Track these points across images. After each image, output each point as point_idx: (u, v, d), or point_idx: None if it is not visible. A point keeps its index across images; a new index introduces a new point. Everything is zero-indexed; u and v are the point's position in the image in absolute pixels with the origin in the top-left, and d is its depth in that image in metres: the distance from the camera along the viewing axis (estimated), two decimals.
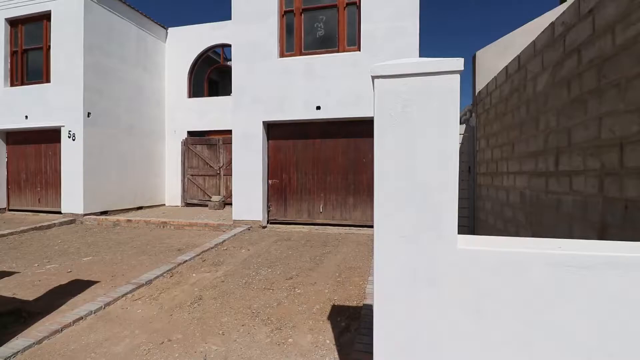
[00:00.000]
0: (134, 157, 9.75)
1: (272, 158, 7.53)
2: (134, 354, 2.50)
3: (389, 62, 1.41)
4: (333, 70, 6.89)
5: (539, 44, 3.45)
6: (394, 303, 1.47)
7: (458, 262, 1.39)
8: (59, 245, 5.85)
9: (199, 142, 10.53)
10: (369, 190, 6.99)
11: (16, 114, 8.87)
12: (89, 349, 2.57)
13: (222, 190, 10.20)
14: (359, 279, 4.01)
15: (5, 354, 2.43)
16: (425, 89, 1.38)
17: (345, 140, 7.16)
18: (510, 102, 4.27)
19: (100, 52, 8.71)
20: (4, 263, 4.75)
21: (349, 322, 2.94)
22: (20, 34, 9.08)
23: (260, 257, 4.98)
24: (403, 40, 6.54)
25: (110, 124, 9.00)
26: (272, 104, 7.19)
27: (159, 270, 4.29)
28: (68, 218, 8.15)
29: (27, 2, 8.75)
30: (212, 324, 2.94)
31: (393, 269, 1.45)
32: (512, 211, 4.16)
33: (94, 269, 4.51)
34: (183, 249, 5.51)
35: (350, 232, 6.82)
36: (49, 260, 4.90)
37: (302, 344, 2.60)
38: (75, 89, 8.30)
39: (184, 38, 10.92)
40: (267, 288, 3.77)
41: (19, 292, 3.66)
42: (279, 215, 7.50)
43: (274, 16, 7.16)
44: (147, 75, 10.32)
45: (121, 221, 7.96)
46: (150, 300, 3.45)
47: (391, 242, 1.44)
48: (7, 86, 9.07)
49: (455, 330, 1.43)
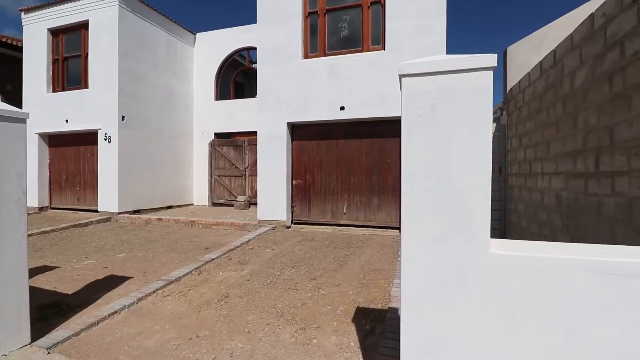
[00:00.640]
0: (164, 159, 10.14)
1: (296, 159, 7.58)
2: (164, 348, 2.58)
3: (416, 60, 1.37)
4: (357, 70, 6.85)
5: (576, 37, 3.26)
6: (421, 307, 1.43)
7: (490, 267, 1.34)
8: (96, 242, 6.17)
9: (225, 143, 10.78)
10: (394, 191, 6.89)
11: (57, 118, 9.46)
12: (122, 342, 2.69)
13: (247, 190, 10.39)
14: (384, 282, 3.96)
15: (47, 344, 2.59)
16: (456, 87, 1.33)
17: (370, 140, 7.08)
18: (545, 99, 4.07)
19: (134, 58, 9.12)
20: (47, 258, 5.06)
21: (373, 325, 2.90)
22: (61, 43, 9.67)
23: (284, 257, 5.02)
24: (429, 38, 6.39)
25: (142, 127, 9.41)
26: (296, 105, 7.24)
27: (188, 268, 4.42)
28: (104, 216, 8.59)
29: (67, 13, 9.31)
30: (238, 322, 2.99)
31: (421, 272, 1.42)
32: (547, 214, 3.95)
33: (127, 265, 4.72)
34: (210, 248, 5.65)
35: (375, 233, 6.74)
36: (87, 256, 5.18)
37: (327, 345, 2.60)
38: (111, 94, 8.75)
39: (211, 42, 11.24)
40: (292, 288, 3.79)
41: (59, 286, 3.88)
42: (303, 215, 7.53)
43: (298, 18, 7.21)
44: (177, 79, 10.70)
45: (152, 220, 8.29)
46: (179, 297, 3.56)
47: (419, 245, 1.40)
48: (50, 92, 9.70)
49: (486, 337, 1.37)
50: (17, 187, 2.54)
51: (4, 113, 2.45)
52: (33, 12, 9.73)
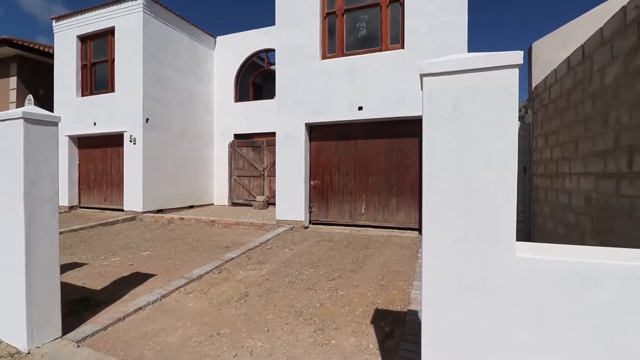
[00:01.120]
0: (186, 159, 10.40)
1: (314, 159, 7.60)
2: (187, 344, 2.65)
3: (438, 59, 1.35)
4: (375, 70, 6.80)
5: (607, 31, 3.11)
6: (443, 311, 1.40)
7: (516, 271, 1.30)
8: (122, 240, 6.40)
9: (244, 144, 10.95)
10: (413, 192, 6.79)
11: (86, 120, 9.88)
12: (147, 337, 2.77)
13: (265, 190, 10.51)
14: (403, 283, 3.91)
15: (77, 338, 2.71)
16: (479, 86, 1.30)
17: (388, 140, 7.01)
18: (573, 97, 3.91)
19: (157, 62, 9.41)
20: (76, 255, 5.30)
21: (392, 328, 2.87)
22: (89, 49, 10.10)
23: (302, 257, 5.05)
24: (450, 36, 6.26)
25: (165, 129, 9.69)
26: (314, 106, 7.26)
27: (209, 266, 4.52)
28: (129, 215, 8.90)
29: (94, 20, 9.71)
30: (257, 321, 3.03)
31: (443, 275, 1.39)
32: (576, 216, 3.79)
33: (151, 262, 4.87)
34: (230, 247, 5.75)
35: (393, 234, 6.67)
36: (113, 254, 5.38)
37: (345, 347, 2.59)
38: (136, 97, 9.06)
39: (230, 45, 11.44)
40: (310, 288, 3.80)
41: (88, 282, 4.05)
42: (321, 216, 7.55)
43: (316, 19, 7.23)
44: (198, 82, 10.95)
45: (175, 219, 8.52)
46: (200, 295, 3.64)
47: (441, 247, 1.38)
48: (79, 96, 10.14)
49: (512, 343, 1.33)
50: (50, 188, 2.67)
51: (38, 117, 2.58)
52: (63, 19, 10.20)
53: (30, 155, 2.53)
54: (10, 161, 2.55)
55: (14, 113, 2.52)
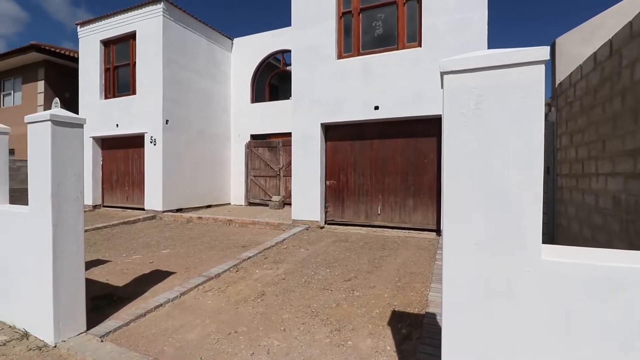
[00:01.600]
0: (204, 160, 10.59)
1: (330, 159, 7.59)
2: (205, 342, 2.69)
3: (460, 56, 1.31)
4: (392, 69, 6.72)
5: (637, 24, 2.97)
6: (465, 315, 1.37)
7: (542, 274, 1.25)
8: (143, 238, 6.57)
9: (260, 144, 11.05)
10: (431, 192, 6.68)
11: (109, 122, 10.21)
12: (167, 334, 2.83)
13: (281, 190, 10.57)
14: (420, 285, 3.84)
15: (100, 333, 2.79)
16: (503, 83, 1.26)
17: (405, 140, 6.93)
18: (600, 93, 3.74)
19: (176, 65, 9.62)
20: (100, 252, 5.47)
21: (410, 330, 2.83)
22: (111, 53, 10.43)
23: (318, 257, 5.04)
24: (469, 32, 6.13)
25: (184, 130, 9.90)
26: (330, 106, 7.25)
27: (226, 265, 4.58)
28: (150, 214, 9.14)
29: (116, 25, 10.02)
30: (274, 320, 3.04)
31: (464, 278, 1.35)
32: (603, 218, 3.63)
33: (171, 260, 4.98)
34: (247, 246, 5.81)
35: (410, 235, 6.58)
36: (135, 252, 5.53)
37: (362, 348, 2.57)
38: (156, 99, 9.29)
39: (247, 47, 11.57)
40: (326, 288, 3.80)
41: (110, 279, 4.18)
42: (337, 216, 7.53)
43: (332, 18, 7.22)
44: (215, 83, 11.13)
45: (193, 218, 8.69)
46: (218, 293, 3.69)
47: (462, 250, 1.34)
48: (102, 99, 10.48)
49: (537, 349, 1.28)
50: (76, 187, 2.77)
51: (64, 119, 2.68)
52: (87, 25, 10.57)
53: (57, 155, 2.63)
54: (39, 162, 2.66)
55: (42, 115, 2.63)
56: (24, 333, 2.80)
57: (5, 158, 3.47)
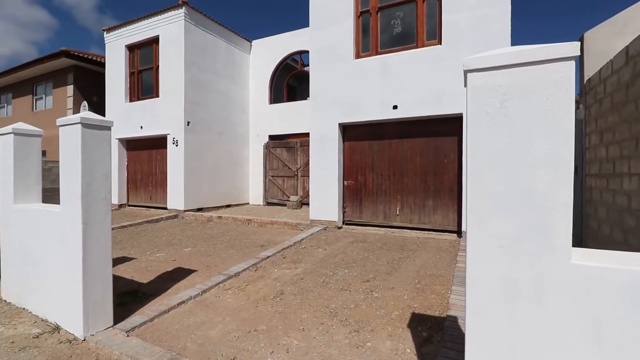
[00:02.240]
0: (223, 160, 10.79)
1: (348, 159, 7.57)
2: (226, 339, 2.74)
3: (485, 53, 1.28)
4: (411, 67, 6.63)
5: None
6: (489, 320, 1.33)
7: (572, 279, 1.20)
8: (166, 237, 6.76)
9: (278, 145, 11.15)
10: (451, 193, 6.54)
11: (133, 124, 10.56)
12: (189, 330, 2.90)
13: (299, 190, 10.63)
14: (441, 288, 3.77)
15: (126, 328, 2.89)
16: (530, 81, 1.22)
17: (424, 139, 6.82)
18: (633, 89, 3.56)
19: (197, 68, 9.85)
20: (125, 250, 5.67)
21: (430, 333, 2.78)
22: (136, 57, 10.78)
23: (336, 258, 5.04)
24: (491, 29, 5.96)
25: (204, 131, 10.12)
26: (348, 106, 7.23)
27: (246, 264, 4.65)
28: (172, 213, 9.39)
29: (140, 30, 10.35)
30: (292, 319, 3.06)
31: (489, 282, 1.32)
32: (636, 220, 3.45)
33: (192, 258, 5.09)
34: (265, 245, 5.88)
35: (430, 236, 6.47)
36: (158, 250, 5.70)
37: (381, 350, 2.55)
38: (178, 102, 9.54)
39: (265, 48, 11.70)
40: (344, 289, 3.79)
41: (135, 276, 4.32)
42: (355, 216, 7.49)
43: (350, 18, 7.20)
44: (235, 85, 11.32)
45: (213, 217, 8.86)
46: (238, 291, 3.75)
47: (487, 252, 1.31)
48: (127, 102, 10.86)
49: (565, 356, 1.23)
50: (104, 187, 2.88)
51: (93, 122, 2.79)
52: (113, 30, 10.98)
53: (87, 157, 2.74)
54: (70, 163, 2.78)
55: (73, 118, 2.75)
56: (55, 326, 2.94)
57: (38, 159, 3.66)
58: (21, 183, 3.52)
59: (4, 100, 16.16)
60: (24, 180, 3.54)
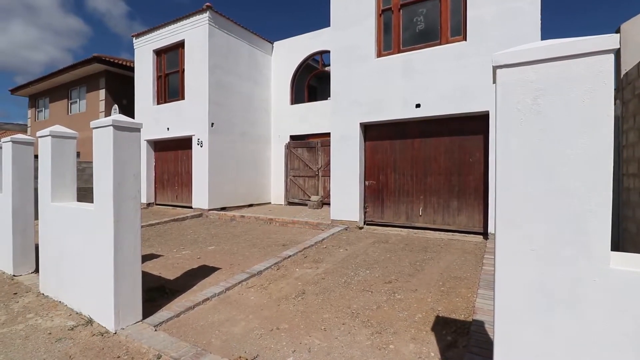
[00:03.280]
0: (245, 160, 10.98)
1: (369, 159, 7.50)
2: (249, 336, 2.78)
3: (515, 48, 1.23)
4: (434, 65, 6.49)
5: None
6: (520, 326, 1.27)
7: (611, 285, 1.13)
8: (191, 235, 6.96)
9: (299, 145, 11.21)
10: (477, 193, 6.35)
11: (161, 126, 10.93)
12: (213, 326, 2.97)
13: (320, 190, 10.64)
14: (467, 291, 3.67)
15: (154, 322, 2.99)
16: (565, 76, 1.16)
17: (448, 138, 6.65)
18: None
19: (221, 70, 10.07)
20: (153, 247, 5.88)
21: (455, 337, 2.71)
22: (163, 61, 11.16)
23: (357, 258, 5.01)
24: (519, 23, 5.73)
25: (228, 132, 10.34)
26: (369, 105, 7.17)
27: (268, 262, 4.70)
28: (197, 212, 9.65)
29: (167, 35, 10.70)
30: (314, 319, 3.07)
31: (519, 286, 1.26)
32: None
33: (216, 256, 5.21)
34: (287, 245, 5.93)
35: (454, 238, 6.31)
36: (184, 247, 5.87)
37: (404, 353, 2.51)
38: (202, 104, 9.79)
39: (286, 50, 11.81)
40: (366, 290, 3.76)
41: (163, 272, 4.47)
42: (376, 216, 7.42)
43: (372, 17, 7.13)
44: (257, 86, 11.49)
45: (236, 217, 9.03)
46: (260, 290, 3.80)
47: (517, 256, 1.25)
48: (155, 104, 11.25)
49: None
50: (134, 187, 3.00)
51: (124, 124, 2.91)
52: (142, 36, 11.40)
53: (118, 157, 2.86)
54: (103, 163, 2.92)
55: (105, 121, 2.87)
56: (89, 319, 3.08)
57: (73, 160, 3.85)
58: (58, 182, 3.72)
59: (42, 104, 17.16)
60: (60, 179, 3.74)
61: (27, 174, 4.42)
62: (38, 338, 2.81)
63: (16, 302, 3.55)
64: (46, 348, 2.65)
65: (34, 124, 17.46)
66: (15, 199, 4.33)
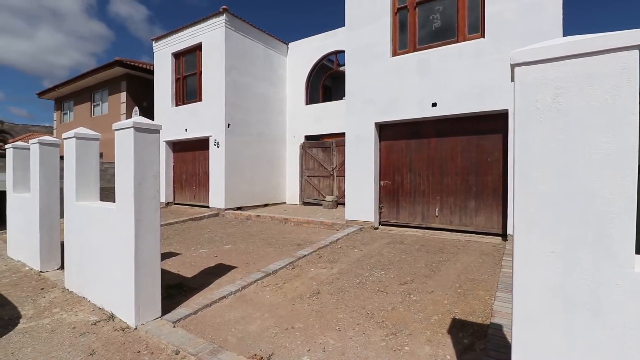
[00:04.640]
0: (261, 160, 11.09)
1: (384, 159, 7.45)
2: (264, 334, 2.82)
3: (534, 46, 1.20)
4: (451, 63, 6.38)
5: None
6: (539, 329, 1.24)
7: (635, 289, 1.09)
8: (208, 234, 7.09)
9: (314, 145, 11.25)
10: (495, 194, 6.21)
11: (179, 127, 11.19)
12: (230, 324, 3.02)
13: (335, 190, 10.64)
14: (484, 294, 3.59)
15: (173, 319, 3.07)
16: (587, 73, 1.12)
17: (465, 138, 6.53)
18: None
19: (237, 72, 10.22)
20: (172, 246, 6.02)
21: (472, 340, 2.66)
22: (181, 64, 11.41)
23: (372, 259, 4.98)
24: (541, 20, 5.57)
25: (244, 133, 10.47)
26: (384, 105, 7.12)
27: (283, 262, 4.74)
28: (214, 212, 9.83)
29: (185, 38, 10.93)
30: (329, 319, 3.08)
31: (538, 289, 1.23)
32: None
33: (232, 255, 5.29)
34: (302, 244, 5.96)
35: (471, 239, 6.18)
36: (201, 246, 5.99)
37: (420, 355, 2.48)
38: (219, 105, 9.96)
39: (301, 50, 11.86)
40: (381, 290, 3.73)
41: (181, 270, 4.58)
42: (391, 217, 7.36)
43: (387, 15, 7.08)
44: (272, 87, 11.59)
45: (252, 216, 9.14)
46: (276, 289, 3.84)
47: (536, 258, 1.22)
48: (173, 106, 11.52)
49: None
50: (153, 187, 3.08)
51: (144, 126, 3.00)
52: (161, 40, 11.70)
53: (139, 158, 2.95)
54: (124, 164, 3.01)
55: (126, 123, 2.97)
56: (111, 315, 3.19)
57: (96, 161, 4.00)
58: (82, 182, 3.87)
59: (67, 107, 17.85)
60: (84, 179, 3.89)
61: (53, 174, 4.61)
62: (63, 332, 2.93)
63: (43, 297, 3.71)
64: (70, 342, 2.76)
65: (59, 126, 18.19)
66: (42, 198, 4.53)
